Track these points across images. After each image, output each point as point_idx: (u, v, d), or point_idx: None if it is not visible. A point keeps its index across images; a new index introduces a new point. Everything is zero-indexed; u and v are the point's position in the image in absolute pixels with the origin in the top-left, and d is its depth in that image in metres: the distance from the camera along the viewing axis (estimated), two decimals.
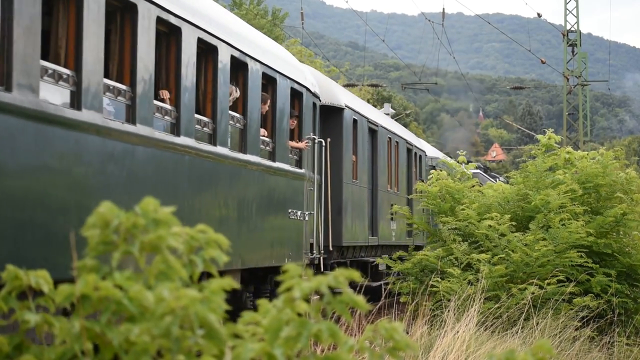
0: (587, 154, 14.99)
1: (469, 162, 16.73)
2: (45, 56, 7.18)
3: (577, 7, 45.01)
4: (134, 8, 8.30)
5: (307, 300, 2.37)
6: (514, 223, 12.87)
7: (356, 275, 2.37)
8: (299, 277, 2.37)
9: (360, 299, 2.37)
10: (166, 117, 9.14)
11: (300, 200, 13.20)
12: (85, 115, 7.44)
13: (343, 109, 16.31)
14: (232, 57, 10.72)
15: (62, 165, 7.21)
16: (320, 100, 14.86)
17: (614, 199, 14.08)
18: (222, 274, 10.32)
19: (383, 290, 16.66)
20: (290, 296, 2.33)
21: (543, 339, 9.08)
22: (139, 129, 8.35)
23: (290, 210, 12.75)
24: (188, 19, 9.48)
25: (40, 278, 2.45)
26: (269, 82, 12.14)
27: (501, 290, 11.90)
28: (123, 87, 8.27)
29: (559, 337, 10.46)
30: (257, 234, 11.53)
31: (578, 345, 10.52)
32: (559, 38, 56.28)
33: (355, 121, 16.99)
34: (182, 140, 9.33)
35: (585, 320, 11.70)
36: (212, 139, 10.15)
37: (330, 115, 15.97)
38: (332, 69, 58.13)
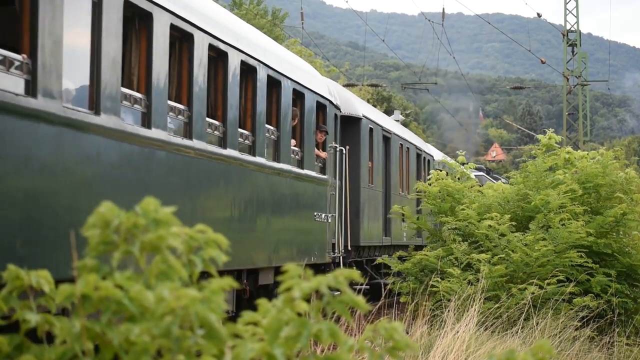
0: (587, 154, 14.99)
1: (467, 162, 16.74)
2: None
3: (577, 7, 45.02)
4: (190, 38, 9.79)
5: (307, 300, 2.37)
6: (514, 223, 12.88)
7: (356, 275, 2.37)
8: (299, 277, 2.37)
9: (360, 299, 2.37)
10: (215, 132, 10.61)
11: (324, 204, 14.48)
12: (154, 133, 8.83)
13: (361, 118, 17.48)
14: (269, 76, 12.14)
15: (136, 176, 8.45)
16: (340, 111, 16.03)
17: (614, 199, 14.08)
18: (260, 270, 11.76)
19: (383, 290, 16.89)
20: (290, 296, 2.34)
21: (543, 339, 9.08)
22: (195, 143, 9.77)
23: (315, 213, 14.02)
24: (235, 45, 10.99)
25: (41, 278, 2.46)
26: (298, 96, 13.44)
27: (501, 290, 11.90)
28: (182, 107, 9.69)
29: (559, 337, 10.46)
30: (289, 235, 12.96)
31: (578, 345, 10.52)
32: (558, 38, 56.29)
33: (371, 130, 18.19)
34: (228, 152, 10.75)
35: (585, 320, 11.71)
36: (252, 150, 11.60)
37: (349, 124, 17.08)
38: (332, 69, 58.13)
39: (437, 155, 27.79)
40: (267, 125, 12.03)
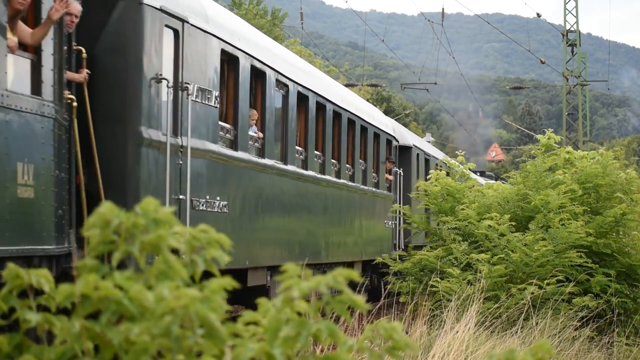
0: (587, 154, 15.00)
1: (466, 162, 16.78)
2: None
3: (576, 7, 45.02)
4: (263, 75, 12.53)
5: (306, 299, 2.37)
6: (513, 223, 12.88)
7: (355, 275, 2.37)
8: (298, 277, 2.37)
9: (360, 299, 2.37)
10: (316, 160, 15.06)
11: (390, 214, 19.37)
12: (289, 167, 13.54)
13: (411, 147, 23.16)
14: (362, 126, 17.88)
15: (253, 194, 12.16)
16: (398, 142, 21.64)
17: (614, 199, 14.08)
18: (354, 263, 16.84)
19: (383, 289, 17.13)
20: (290, 296, 2.34)
21: (543, 339, 9.08)
22: (311, 173, 14.61)
23: (386, 221, 19.71)
24: (331, 99, 15.54)
25: (41, 277, 2.46)
26: (376, 137, 19.15)
27: (501, 290, 11.90)
28: (300, 148, 14.33)
29: (559, 337, 10.47)
30: (371, 237, 18.12)
31: (577, 345, 10.52)
32: (558, 38, 56.29)
33: (418, 155, 23.90)
34: (326, 177, 15.43)
35: (584, 320, 11.71)
36: (352, 178, 17.22)
37: (403, 151, 22.48)
38: (331, 69, 58.14)
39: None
40: (360, 160, 17.81)
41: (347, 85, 46.39)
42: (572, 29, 45.07)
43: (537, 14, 46.22)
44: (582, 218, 13.22)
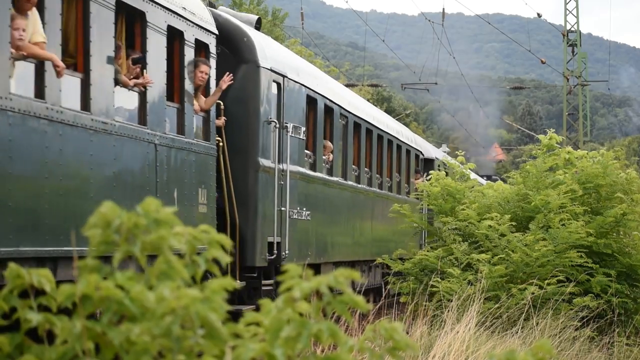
0: (587, 154, 15.00)
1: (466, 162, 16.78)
2: None
3: (577, 7, 45.01)
4: (332, 111, 15.80)
5: (307, 300, 2.37)
6: (514, 223, 12.88)
7: (356, 275, 2.38)
8: (299, 277, 2.38)
9: (361, 299, 2.37)
10: (365, 175, 18.27)
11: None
12: (349, 183, 17.06)
13: (434, 159, 25.34)
14: (397, 146, 21.36)
15: (325, 204, 15.39)
16: (423, 155, 24.42)
17: (614, 199, 14.08)
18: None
19: (384, 289, 17.27)
20: (291, 296, 2.34)
21: (543, 339, 9.08)
22: (347, 182, 16.92)
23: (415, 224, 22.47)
24: (378, 125, 19.48)
25: (43, 277, 2.46)
26: (407, 153, 22.37)
27: (501, 290, 11.90)
28: (355, 167, 17.85)
29: (559, 337, 10.47)
30: (406, 235, 18.73)
31: (578, 345, 10.53)
32: (559, 38, 56.29)
33: (439, 166, 25.05)
34: (372, 188, 18.77)
35: (585, 320, 11.71)
36: (391, 188, 20.71)
37: (427, 163, 24.71)
38: (332, 69, 58.13)
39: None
40: (396, 173, 21.14)
41: (347, 86, 46.40)
42: (572, 29, 45.06)
43: (538, 14, 46.21)
44: (583, 218, 13.22)
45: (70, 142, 8.06)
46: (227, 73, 11.39)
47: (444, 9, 40.68)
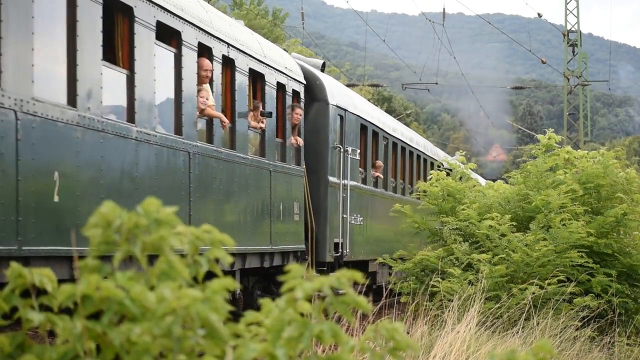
0: (588, 154, 14.99)
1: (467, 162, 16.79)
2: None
3: (577, 7, 44.99)
4: (377, 134, 19.59)
5: (309, 300, 2.37)
6: (514, 223, 12.87)
7: (358, 276, 2.37)
8: (301, 278, 2.37)
9: (362, 299, 2.37)
10: (399, 185, 21.29)
11: None
12: (391, 194, 20.54)
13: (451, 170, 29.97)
14: (424, 160, 24.50)
15: (371, 211, 18.55)
16: (444, 166, 29.10)
17: (615, 199, 14.07)
18: None
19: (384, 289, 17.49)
20: (293, 296, 2.34)
21: (544, 338, 9.08)
22: (387, 192, 20.15)
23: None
24: (401, 139, 22.05)
25: (44, 276, 2.46)
26: (431, 165, 24.62)
27: (502, 290, 11.90)
28: (392, 179, 20.95)
29: (560, 337, 10.46)
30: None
31: (578, 345, 10.52)
32: (559, 38, 56.27)
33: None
34: (405, 197, 21.42)
35: (585, 320, 11.70)
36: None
37: (448, 173, 30.42)
38: (332, 69, 58.13)
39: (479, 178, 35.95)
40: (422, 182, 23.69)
41: (348, 86, 46.42)
42: (573, 29, 45.05)
43: (538, 14, 46.20)
44: (583, 218, 13.21)
45: (224, 170, 11.77)
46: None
47: (444, 8, 40.68)
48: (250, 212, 12.54)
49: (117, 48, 9.43)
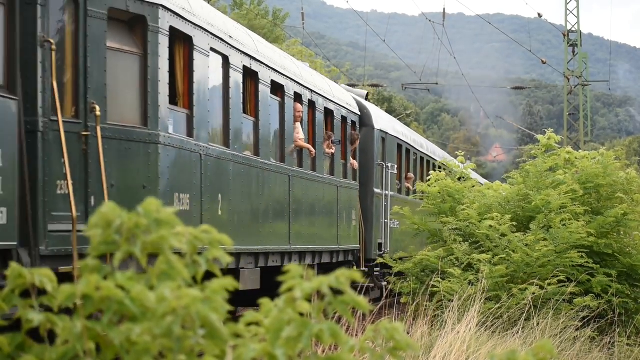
0: (588, 154, 14.99)
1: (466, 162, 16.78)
2: None
3: (577, 7, 45.00)
4: (409, 151, 23.31)
5: (308, 300, 2.37)
6: (514, 223, 12.87)
7: (357, 275, 2.37)
8: (301, 277, 2.37)
9: (362, 299, 2.37)
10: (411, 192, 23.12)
11: None
12: (408, 198, 22.47)
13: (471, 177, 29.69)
14: (421, 157, 25.56)
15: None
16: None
17: (615, 199, 14.07)
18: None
19: (384, 289, 17.54)
20: (292, 296, 2.34)
21: (544, 339, 9.08)
22: (410, 198, 21.92)
23: None
24: (427, 153, 25.83)
25: (44, 276, 2.46)
26: (427, 164, 26.45)
27: (502, 290, 11.90)
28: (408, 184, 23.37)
29: (560, 337, 10.46)
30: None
31: (579, 345, 10.52)
32: (559, 38, 56.27)
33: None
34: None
35: (585, 320, 11.71)
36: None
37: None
38: (332, 69, 58.11)
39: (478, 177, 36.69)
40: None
41: (348, 85, 46.37)
42: (573, 29, 45.05)
43: (539, 14, 46.21)
44: (583, 218, 13.21)
45: (310, 188, 15.20)
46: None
47: (444, 9, 40.69)
48: (325, 220, 16.05)
49: (247, 102, 12.68)
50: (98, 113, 8.93)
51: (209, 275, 2.40)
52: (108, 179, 8.99)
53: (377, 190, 18.84)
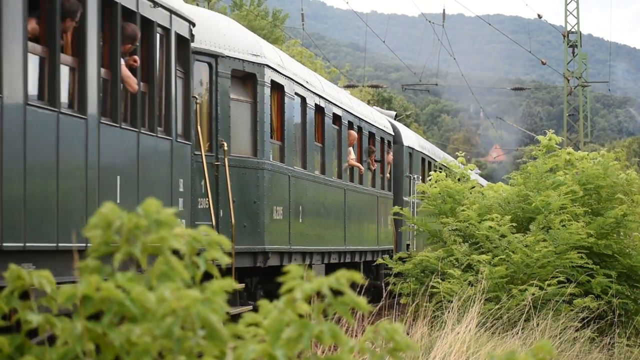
0: (588, 155, 14.99)
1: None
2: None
3: (577, 8, 45.00)
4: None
5: (308, 301, 2.37)
6: (514, 224, 12.86)
7: (357, 276, 2.38)
8: (301, 278, 2.37)
9: (362, 300, 2.37)
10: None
11: None
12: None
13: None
14: (427, 162, 27.18)
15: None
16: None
17: (615, 200, 14.07)
18: None
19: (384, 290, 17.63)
20: (292, 297, 2.34)
21: (544, 339, 9.07)
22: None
23: None
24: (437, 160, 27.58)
25: (43, 278, 2.46)
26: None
27: (501, 291, 11.89)
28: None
29: (560, 338, 10.46)
30: None
31: (578, 346, 10.52)
32: (559, 39, 56.29)
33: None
34: None
35: (585, 321, 11.70)
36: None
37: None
38: (332, 70, 58.08)
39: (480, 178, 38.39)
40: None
41: (348, 86, 46.42)
42: (573, 30, 45.06)
43: (538, 15, 46.21)
44: (583, 219, 13.21)
45: (357, 198, 18.35)
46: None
47: (444, 9, 40.71)
48: (370, 225, 19.39)
49: (316, 132, 15.66)
50: (226, 148, 11.81)
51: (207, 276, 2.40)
52: (232, 197, 11.81)
53: (405, 199, 21.96)
